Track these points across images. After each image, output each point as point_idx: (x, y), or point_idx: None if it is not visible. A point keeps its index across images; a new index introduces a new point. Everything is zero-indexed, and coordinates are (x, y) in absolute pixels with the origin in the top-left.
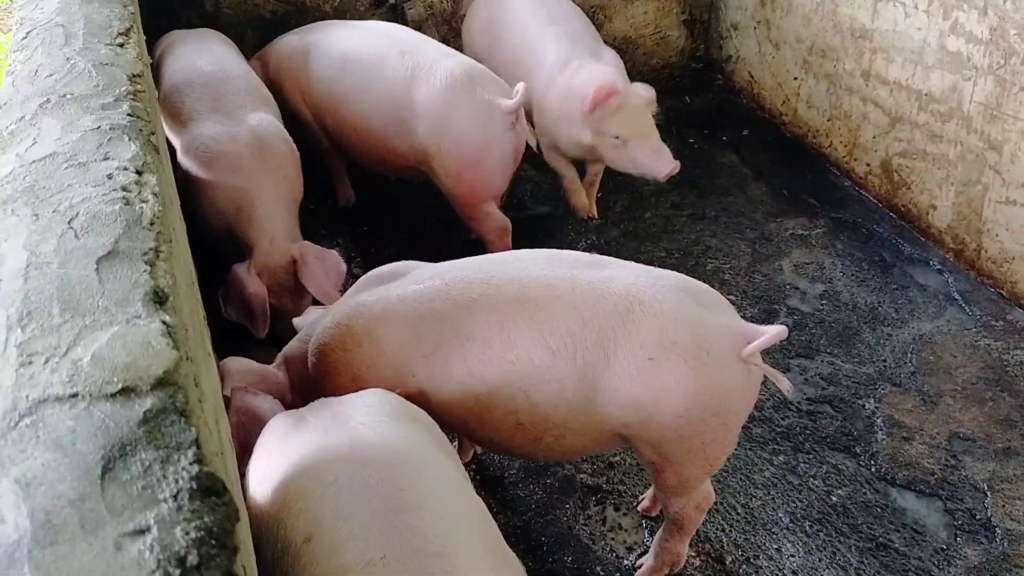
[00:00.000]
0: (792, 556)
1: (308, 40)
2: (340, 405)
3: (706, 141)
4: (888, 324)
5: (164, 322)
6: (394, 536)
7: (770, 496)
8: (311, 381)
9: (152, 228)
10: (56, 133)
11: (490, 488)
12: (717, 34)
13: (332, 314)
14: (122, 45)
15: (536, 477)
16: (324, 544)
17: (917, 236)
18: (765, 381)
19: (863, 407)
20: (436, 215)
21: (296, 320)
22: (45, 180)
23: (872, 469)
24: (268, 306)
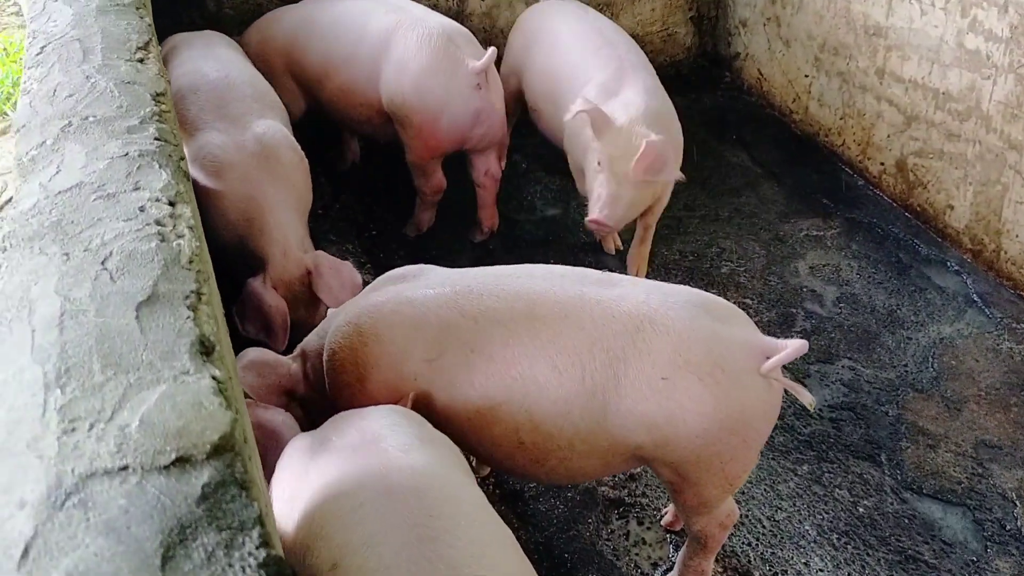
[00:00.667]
0: (821, 571)
1: (300, 8)
2: (363, 421)
3: (715, 139)
4: (907, 327)
5: (214, 377)
6: (425, 567)
7: (796, 508)
8: (323, 375)
9: (191, 267)
10: (81, 160)
11: (510, 502)
12: (725, 31)
13: (344, 312)
14: (142, 60)
15: (557, 490)
16: (350, 573)
17: (933, 237)
18: (786, 391)
19: (886, 414)
20: (445, 221)
21: None
22: (73, 214)
23: (898, 478)
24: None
